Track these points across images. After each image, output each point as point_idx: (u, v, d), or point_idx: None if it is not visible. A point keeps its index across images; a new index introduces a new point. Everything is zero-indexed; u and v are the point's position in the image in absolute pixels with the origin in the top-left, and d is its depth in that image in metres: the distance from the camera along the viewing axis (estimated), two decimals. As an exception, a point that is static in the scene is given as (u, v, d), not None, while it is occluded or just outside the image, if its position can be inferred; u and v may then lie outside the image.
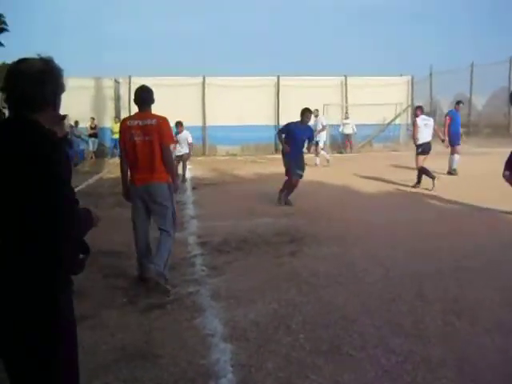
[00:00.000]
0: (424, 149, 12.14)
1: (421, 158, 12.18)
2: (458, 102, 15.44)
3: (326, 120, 19.10)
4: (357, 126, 22.81)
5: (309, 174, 11.83)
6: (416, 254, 6.53)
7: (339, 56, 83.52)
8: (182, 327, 4.51)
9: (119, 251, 6.87)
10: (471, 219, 8.59)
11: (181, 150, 14.45)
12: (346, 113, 23.13)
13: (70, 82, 23.34)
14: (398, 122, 24.64)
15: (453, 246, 6.83)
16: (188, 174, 14.83)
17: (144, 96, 5.59)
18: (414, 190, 11.92)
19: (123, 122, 5.74)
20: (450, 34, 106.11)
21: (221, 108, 22.96)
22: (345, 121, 22.91)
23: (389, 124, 24.53)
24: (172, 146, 12.92)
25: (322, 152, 18.43)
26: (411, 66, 78.41)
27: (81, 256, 2.31)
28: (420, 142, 12.17)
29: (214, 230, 8.16)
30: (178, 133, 14.23)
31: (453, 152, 14.59)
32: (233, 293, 5.30)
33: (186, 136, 14.62)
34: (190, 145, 14.77)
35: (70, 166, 2.20)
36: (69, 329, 2.27)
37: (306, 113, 10.36)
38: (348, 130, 22.95)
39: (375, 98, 23.05)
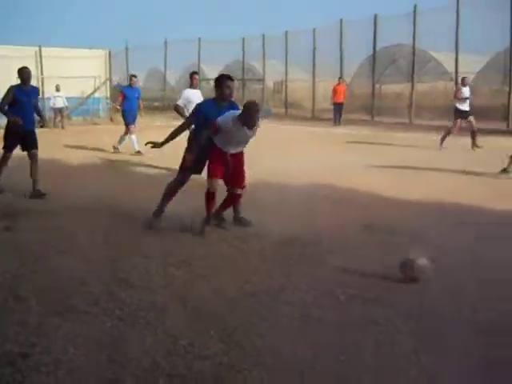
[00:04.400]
0: None
1: None
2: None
3: None
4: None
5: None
6: (127, 218, 6.94)
7: (34, 26, 78.42)
8: None
9: None
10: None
11: None
12: (58, 85, 21.83)
13: None
14: (97, 95, 24.66)
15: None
16: None
17: None
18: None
19: None
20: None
21: None
22: (56, 93, 21.73)
23: (88, 97, 24.40)
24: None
25: None
26: (108, 39, 78.29)
27: None
28: None
29: None
30: None
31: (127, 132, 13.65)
32: None
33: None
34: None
35: None
36: None
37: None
38: (59, 104, 21.81)
39: (73, 71, 22.65)
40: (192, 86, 10.75)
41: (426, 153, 13.55)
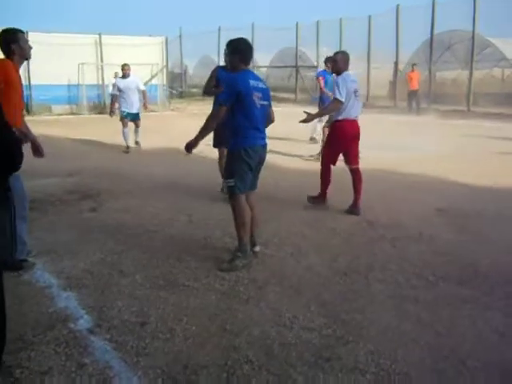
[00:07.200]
0: None
1: None
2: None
3: None
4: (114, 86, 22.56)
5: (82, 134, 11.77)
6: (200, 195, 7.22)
7: (93, 13, 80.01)
8: (11, 284, 4.46)
9: None
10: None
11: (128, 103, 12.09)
12: (116, 72, 22.14)
13: None
14: (154, 82, 25.03)
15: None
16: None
17: None
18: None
19: None
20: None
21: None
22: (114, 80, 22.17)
23: (145, 84, 24.81)
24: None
25: None
26: (162, 27, 79.23)
27: None
28: None
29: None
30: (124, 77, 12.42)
31: None
32: (50, 248, 5.34)
33: (135, 82, 12.57)
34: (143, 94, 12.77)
35: None
36: None
37: None
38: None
39: (132, 58, 23.06)
40: None
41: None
